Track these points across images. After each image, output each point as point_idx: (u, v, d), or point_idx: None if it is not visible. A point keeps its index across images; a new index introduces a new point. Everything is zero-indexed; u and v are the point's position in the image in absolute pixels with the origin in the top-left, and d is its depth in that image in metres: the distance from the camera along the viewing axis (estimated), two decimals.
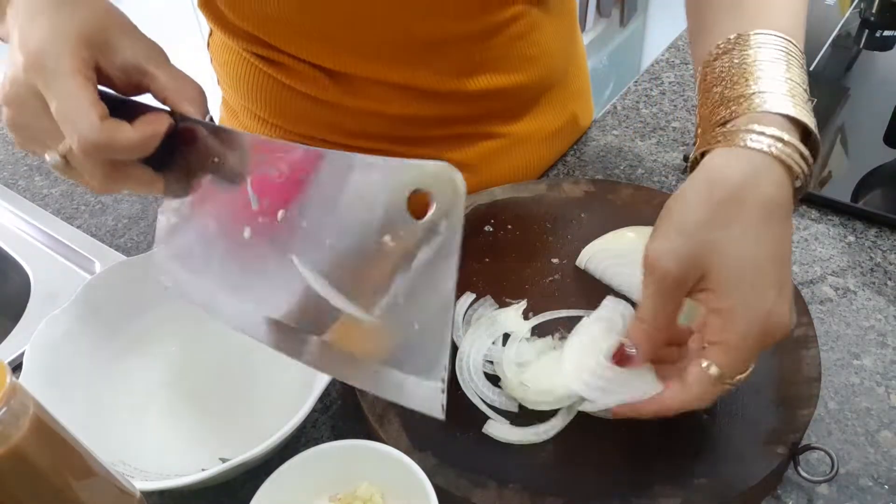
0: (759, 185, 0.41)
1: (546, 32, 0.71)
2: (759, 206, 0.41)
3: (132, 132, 0.42)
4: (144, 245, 0.73)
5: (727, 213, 0.41)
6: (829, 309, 0.61)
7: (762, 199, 0.41)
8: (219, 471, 0.45)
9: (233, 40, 0.69)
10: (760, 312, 0.41)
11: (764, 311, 0.41)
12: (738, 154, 0.42)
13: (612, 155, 0.80)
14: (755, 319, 0.41)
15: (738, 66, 0.45)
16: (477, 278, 0.62)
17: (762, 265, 0.41)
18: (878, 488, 0.49)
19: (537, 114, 0.75)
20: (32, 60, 0.42)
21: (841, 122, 0.80)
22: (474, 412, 0.52)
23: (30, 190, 0.82)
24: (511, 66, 0.69)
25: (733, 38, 0.46)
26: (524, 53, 0.69)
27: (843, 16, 0.99)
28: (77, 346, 0.56)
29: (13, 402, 0.30)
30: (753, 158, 0.41)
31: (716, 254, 0.41)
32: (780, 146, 0.41)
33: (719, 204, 0.41)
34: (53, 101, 0.41)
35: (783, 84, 0.43)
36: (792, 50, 0.45)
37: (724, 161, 0.42)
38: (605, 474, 0.48)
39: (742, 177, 0.41)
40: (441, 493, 0.44)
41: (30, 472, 0.31)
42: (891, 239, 0.68)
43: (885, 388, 0.55)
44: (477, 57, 0.67)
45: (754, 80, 0.44)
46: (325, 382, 0.49)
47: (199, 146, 0.45)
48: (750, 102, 0.43)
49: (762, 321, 0.41)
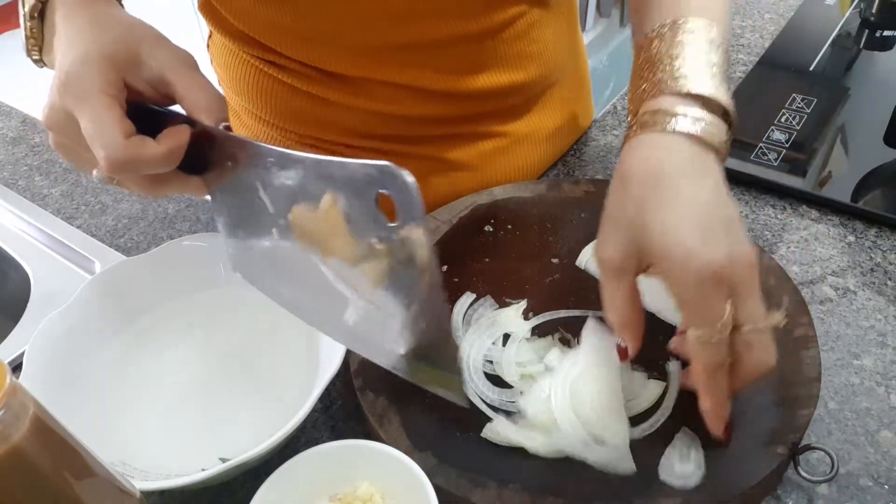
0: (673, 158, 0.45)
1: (546, 31, 0.71)
2: (677, 173, 0.44)
3: (156, 147, 0.44)
4: (144, 245, 0.73)
5: (645, 194, 0.44)
6: (829, 309, 0.61)
7: (678, 165, 0.44)
8: (219, 471, 0.45)
9: (232, 42, 0.69)
10: (703, 259, 0.41)
11: (708, 256, 0.41)
12: (657, 139, 0.46)
13: (612, 155, 0.80)
14: (698, 268, 0.41)
15: (667, 50, 0.48)
16: (477, 278, 0.62)
17: (692, 220, 0.43)
18: (878, 488, 0.49)
19: (537, 113, 0.75)
20: (64, 84, 0.44)
21: (841, 122, 0.80)
22: (474, 412, 0.52)
23: (30, 190, 0.82)
24: (512, 64, 0.69)
25: (668, 22, 0.49)
26: (525, 52, 0.69)
27: (843, 16, 0.99)
28: (77, 346, 0.56)
29: (13, 402, 0.30)
30: (673, 140, 0.45)
31: (646, 230, 0.43)
32: (702, 125, 0.45)
33: (638, 187, 0.45)
34: (82, 121, 0.43)
35: (706, 67, 0.47)
36: (715, 37, 0.49)
37: (643, 148, 0.46)
38: (604, 474, 0.48)
39: (658, 161, 0.45)
40: (441, 493, 0.44)
41: (30, 472, 0.31)
42: (891, 239, 0.68)
43: (885, 388, 0.55)
44: (478, 56, 0.67)
45: (681, 62, 0.47)
46: (325, 382, 0.49)
47: (218, 152, 0.47)
48: (675, 83, 0.46)
49: (710, 265, 0.41)
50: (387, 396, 0.53)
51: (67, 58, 0.44)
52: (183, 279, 0.61)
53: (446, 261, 0.63)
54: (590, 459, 0.47)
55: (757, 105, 0.82)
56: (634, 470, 0.47)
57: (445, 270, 0.63)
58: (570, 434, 0.48)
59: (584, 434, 0.48)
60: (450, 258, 0.64)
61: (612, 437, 0.48)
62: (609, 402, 0.49)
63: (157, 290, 0.61)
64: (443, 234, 0.66)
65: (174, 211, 0.77)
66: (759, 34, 0.98)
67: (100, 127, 0.43)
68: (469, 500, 0.46)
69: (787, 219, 0.71)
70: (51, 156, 0.87)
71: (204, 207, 0.78)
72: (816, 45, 0.93)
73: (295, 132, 0.72)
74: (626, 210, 0.45)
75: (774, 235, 0.69)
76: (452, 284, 0.61)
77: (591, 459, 0.47)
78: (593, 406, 0.49)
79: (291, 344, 0.58)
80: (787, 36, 0.96)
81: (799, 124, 0.79)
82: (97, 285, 0.59)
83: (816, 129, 0.79)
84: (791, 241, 0.68)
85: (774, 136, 0.78)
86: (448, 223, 0.67)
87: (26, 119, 0.94)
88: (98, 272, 0.62)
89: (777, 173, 0.73)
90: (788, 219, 0.70)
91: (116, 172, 0.44)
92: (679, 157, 0.45)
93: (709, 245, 0.42)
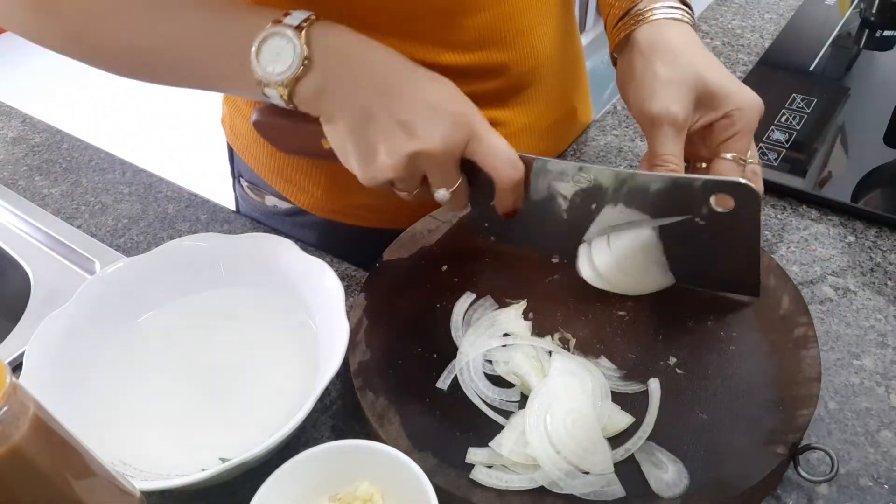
0: (691, 34, 0.59)
1: (531, 13, 0.69)
2: (699, 44, 0.58)
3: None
4: (144, 245, 0.73)
5: (694, 59, 0.57)
6: (829, 309, 0.61)
7: (697, 40, 0.59)
8: (219, 471, 0.45)
9: None
10: (760, 101, 0.56)
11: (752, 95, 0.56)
12: (659, 24, 0.59)
13: (612, 155, 0.80)
14: (760, 107, 0.56)
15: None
16: (477, 278, 0.62)
17: (731, 76, 0.57)
18: (878, 488, 0.49)
19: (532, 104, 0.74)
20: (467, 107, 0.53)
21: (841, 122, 0.80)
22: (474, 412, 0.52)
23: (30, 190, 0.82)
24: (495, 44, 0.67)
25: None
26: (511, 29, 0.67)
27: (843, 16, 0.99)
28: (77, 345, 0.56)
29: (13, 402, 0.30)
30: (670, 24, 0.59)
31: (709, 86, 0.56)
32: (679, 13, 0.59)
33: (689, 55, 0.57)
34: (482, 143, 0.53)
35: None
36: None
37: (655, 31, 0.58)
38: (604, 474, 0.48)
39: (686, 35, 0.58)
40: (441, 493, 0.44)
41: (30, 472, 0.31)
42: (891, 239, 0.68)
43: (885, 388, 0.55)
44: (458, 33, 0.65)
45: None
46: (325, 382, 0.49)
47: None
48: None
49: (762, 105, 0.56)
50: (387, 396, 0.53)
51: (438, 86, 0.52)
52: (183, 279, 0.61)
53: (446, 261, 0.63)
54: (577, 491, 0.46)
55: None
56: (623, 494, 0.46)
57: (445, 270, 0.63)
58: (552, 469, 0.47)
59: (566, 466, 0.47)
60: (450, 258, 0.64)
61: (594, 467, 0.47)
62: (587, 434, 0.49)
63: (157, 290, 0.61)
64: (443, 234, 0.66)
65: (174, 211, 0.77)
66: (759, 34, 0.98)
67: (505, 147, 0.53)
68: (469, 500, 0.46)
69: (787, 219, 0.71)
70: (51, 156, 0.87)
71: (204, 207, 0.78)
72: (816, 45, 0.93)
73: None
74: (681, 73, 0.56)
75: (774, 235, 0.69)
76: (452, 284, 0.61)
77: (578, 491, 0.46)
78: (573, 437, 0.48)
79: (291, 344, 0.58)
80: (787, 36, 0.96)
81: (799, 124, 0.79)
82: (97, 285, 0.59)
83: (816, 129, 0.79)
84: (791, 241, 0.68)
85: (774, 136, 0.78)
86: (448, 223, 0.67)
87: (26, 119, 0.94)
88: (98, 272, 0.62)
89: (777, 173, 0.73)
90: (788, 219, 0.70)
91: (518, 186, 0.54)
92: (692, 34, 0.59)
93: (739, 83, 0.56)
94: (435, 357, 0.56)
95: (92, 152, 0.87)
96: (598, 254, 0.59)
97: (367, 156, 0.52)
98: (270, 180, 0.77)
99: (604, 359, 0.55)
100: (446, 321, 0.58)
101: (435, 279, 0.62)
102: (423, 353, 0.56)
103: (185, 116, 2.66)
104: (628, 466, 0.48)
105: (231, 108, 0.78)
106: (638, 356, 0.55)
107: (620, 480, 0.47)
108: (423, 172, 0.53)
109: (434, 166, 0.52)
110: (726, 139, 0.56)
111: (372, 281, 0.61)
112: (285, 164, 0.74)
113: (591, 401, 0.51)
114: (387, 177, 0.52)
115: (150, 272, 0.61)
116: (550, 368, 0.53)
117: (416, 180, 0.53)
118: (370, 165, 0.52)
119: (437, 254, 0.64)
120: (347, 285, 0.66)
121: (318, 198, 0.74)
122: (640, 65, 0.58)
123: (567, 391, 0.51)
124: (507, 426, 0.50)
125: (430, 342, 0.57)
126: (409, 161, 0.51)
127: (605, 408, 0.51)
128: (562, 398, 0.51)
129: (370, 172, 0.52)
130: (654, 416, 0.50)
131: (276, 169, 0.75)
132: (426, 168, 0.52)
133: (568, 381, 0.52)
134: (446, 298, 0.60)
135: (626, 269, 0.58)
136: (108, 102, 2.86)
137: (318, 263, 0.58)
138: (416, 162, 0.51)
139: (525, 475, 0.48)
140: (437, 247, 0.65)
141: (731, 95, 0.55)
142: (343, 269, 0.69)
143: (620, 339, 0.56)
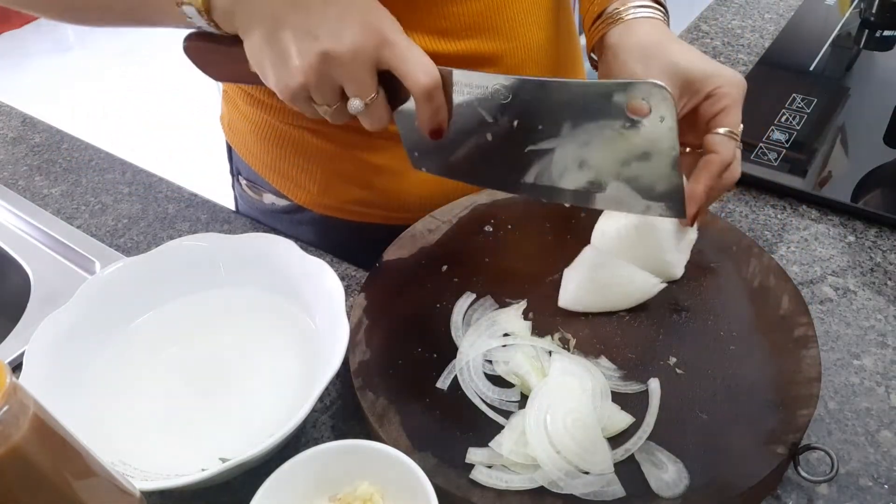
0: (664, 28, 0.61)
1: (523, 2, 0.69)
2: (661, 34, 0.60)
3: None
4: (144, 245, 0.73)
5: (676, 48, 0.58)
6: (829, 309, 0.61)
7: (657, 31, 0.60)
8: (219, 471, 0.45)
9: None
10: (741, 77, 0.58)
11: (731, 72, 0.58)
12: (629, 24, 0.60)
13: None
14: (744, 83, 0.58)
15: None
16: (477, 278, 0.62)
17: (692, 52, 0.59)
18: (878, 488, 0.49)
19: None
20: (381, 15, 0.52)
21: (841, 122, 0.80)
22: (474, 412, 0.52)
23: (30, 190, 0.82)
24: (486, 33, 0.67)
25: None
26: (502, 18, 0.68)
27: (843, 16, 0.99)
28: (77, 345, 0.56)
29: (13, 402, 0.30)
30: (641, 23, 0.61)
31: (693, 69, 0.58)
32: (650, 11, 0.61)
33: (674, 43, 0.59)
34: (398, 47, 0.51)
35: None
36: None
37: (627, 31, 0.60)
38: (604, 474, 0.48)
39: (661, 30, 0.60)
40: (441, 493, 0.44)
41: (30, 472, 0.31)
42: (891, 239, 0.68)
43: (885, 388, 0.55)
44: (449, 21, 0.65)
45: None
46: (325, 382, 0.49)
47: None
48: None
49: (741, 81, 0.58)
50: (387, 396, 0.53)
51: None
52: (183, 279, 0.61)
53: (446, 261, 0.63)
54: (577, 491, 0.46)
55: (757, 105, 0.82)
56: (623, 494, 0.46)
57: (445, 270, 0.63)
58: (552, 469, 0.47)
59: (566, 466, 0.47)
60: (450, 258, 0.64)
61: (594, 467, 0.47)
62: (587, 434, 0.49)
63: (157, 290, 0.61)
64: (443, 234, 0.66)
65: (174, 211, 0.77)
66: (759, 34, 0.98)
67: (419, 53, 0.50)
68: (469, 499, 0.47)
69: (787, 219, 0.71)
70: (51, 156, 0.87)
71: (204, 207, 0.78)
72: (816, 45, 0.93)
73: (291, 112, 0.71)
74: (657, 68, 0.57)
75: (774, 235, 0.69)
76: (452, 284, 0.61)
77: (578, 491, 0.46)
78: (573, 437, 0.48)
79: (291, 344, 0.58)
80: (787, 36, 0.96)
81: (799, 124, 0.79)
82: (97, 285, 0.59)
83: (816, 129, 0.79)
84: (791, 241, 0.68)
85: (774, 136, 0.78)
86: (448, 223, 0.67)
87: (26, 119, 0.94)
88: (98, 272, 0.62)
89: (777, 173, 0.73)
90: (788, 219, 0.71)
91: (434, 96, 0.51)
92: (663, 28, 0.61)
93: (716, 63, 0.59)
94: (435, 357, 0.56)
95: (92, 152, 0.87)
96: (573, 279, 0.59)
97: (279, 61, 0.51)
98: (268, 177, 0.77)
99: (604, 359, 0.55)
100: (446, 321, 0.58)
101: (435, 279, 0.62)
102: (423, 353, 0.56)
103: (184, 116, 2.66)
104: (628, 466, 0.48)
105: (230, 107, 0.78)
106: (638, 356, 0.55)
107: (620, 480, 0.47)
108: (338, 82, 0.51)
109: (345, 72, 0.50)
110: (715, 115, 0.57)
111: (372, 281, 0.61)
112: (282, 160, 0.74)
113: (591, 401, 0.51)
114: (298, 81, 0.50)
115: (150, 272, 0.61)
116: (550, 368, 0.53)
117: (331, 91, 0.51)
118: (283, 71, 0.51)
119: (437, 254, 0.64)
120: (347, 285, 0.66)
121: (314, 194, 0.75)
122: (616, 67, 0.59)
123: (567, 391, 0.51)
124: (507, 426, 0.51)
125: (429, 342, 0.57)
126: (319, 63, 0.49)
127: (605, 408, 0.51)
128: (562, 398, 0.51)
129: (284, 80, 0.51)
130: (654, 416, 0.50)
131: (274, 166, 0.75)
132: (338, 75, 0.50)
133: (568, 381, 0.52)
134: (446, 298, 0.60)
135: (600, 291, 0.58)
136: (108, 102, 2.86)
137: (318, 263, 0.58)
138: (327, 66, 0.50)
139: (525, 475, 0.48)
140: (437, 247, 0.65)
141: (711, 76, 0.57)
142: (343, 269, 0.69)
143: (620, 339, 0.56)
